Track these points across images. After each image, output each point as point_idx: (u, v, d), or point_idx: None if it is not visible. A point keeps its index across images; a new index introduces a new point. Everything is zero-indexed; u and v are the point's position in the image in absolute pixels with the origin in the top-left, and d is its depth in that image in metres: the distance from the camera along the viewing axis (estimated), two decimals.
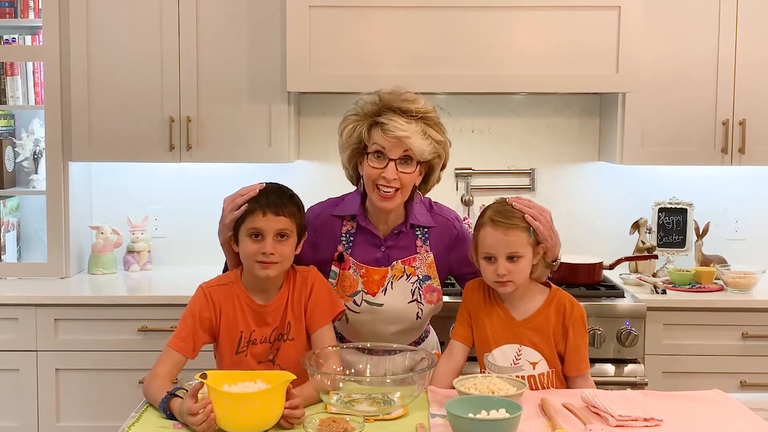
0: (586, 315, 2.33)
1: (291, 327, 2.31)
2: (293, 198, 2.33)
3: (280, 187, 2.34)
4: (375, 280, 2.45)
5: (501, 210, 2.29)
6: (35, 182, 3.70)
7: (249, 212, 2.27)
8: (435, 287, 2.49)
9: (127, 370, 3.26)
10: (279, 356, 2.31)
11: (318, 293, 2.34)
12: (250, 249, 2.26)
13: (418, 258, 2.48)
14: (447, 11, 3.25)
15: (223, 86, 3.48)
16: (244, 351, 2.30)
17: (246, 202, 2.28)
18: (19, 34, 3.72)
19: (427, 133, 2.34)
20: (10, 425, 3.29)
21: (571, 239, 3.80)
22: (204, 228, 3.80)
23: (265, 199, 2.27)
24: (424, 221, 2.49)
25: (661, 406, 2.08)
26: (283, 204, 2.27)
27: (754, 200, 3.87)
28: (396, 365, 2.29)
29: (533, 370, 2.28)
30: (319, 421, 1.93)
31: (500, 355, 2.30)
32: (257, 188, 2.31)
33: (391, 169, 2.33)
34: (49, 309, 3.27)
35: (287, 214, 2.27)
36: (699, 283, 3.48)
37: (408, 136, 2.31)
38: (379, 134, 2.33)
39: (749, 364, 3.28)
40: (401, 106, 2.34)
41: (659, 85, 3.48)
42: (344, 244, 2.48)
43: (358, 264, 2.46)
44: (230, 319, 2.30)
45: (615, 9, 3.26)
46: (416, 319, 2.49)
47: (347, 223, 2.49)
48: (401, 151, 2.33)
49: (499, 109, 3.83)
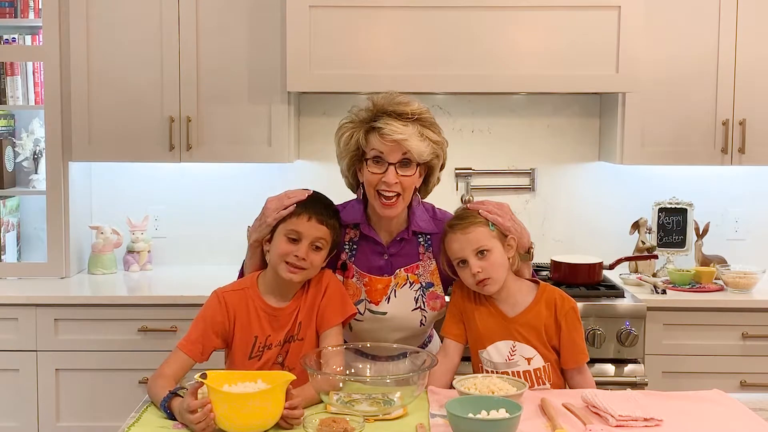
0: (577, 307, 2.34)
1: (301, 327, 2.31)
2: (337, 214, 2.36)
3: (327, 200, 2.37)
4: (378, 289, 2.44)
5: (457, 215, 2.37)
6: (35, 182, 3.70)
7: (294, 214, 2.28)
8: (438, 294, 2.48)
9: (127, 370, 3.26)
10: (288, 358, 2.30)
11: (331, 294, 2.34)
12: (283, 249, 2.26)
13: (421, 265, 2.47)
14: (447, 11, 3.25)
15: (223, 86, 3.48)
16: (258, 356, 2.29)
17: (293, 204, 2.29)
18: (19, 34, 3.72)
19: (423, 134, 2.34)
20: (10, 425, 3.29)
21: (571, 239, 3.82)
22: (204, 228, 3.82)
23: (313, 206, 2.30)
24: (427, 228, 2.48)
25: (662, 406, 2.08)
26: (328, 215, 2.30)
27: (754, 200, 3.87)
28: (399, 370, 2.30)
29: (528, 365, 2.29)
30: (319, 421, 1.93)
31: (495, 351, 2.31)
32: (306, 194, 2.33)
33: (392, 173, 2.32)
34: (49, 309, 3.27)
35: (329, 226, 2.29)
36: (699, 283, 3.48)
37: (405, 138, 2.30)
38: (377, 139, 2.32)
39: (749, 364, 3.28)
40: (396, 109, 2.33)
41: (659, 85, 3.48)
42: (347, 252, 2.47)
43: (362, 273, 2.45)
44: (244, 324, 2.29)
45: (615, 9, 3.26)
46: (420, 326, 2.48)
47: (350, 231, 2.48)
48: (400, 154, 2.33)
49: (499, 109, 3.83)
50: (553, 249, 3.69)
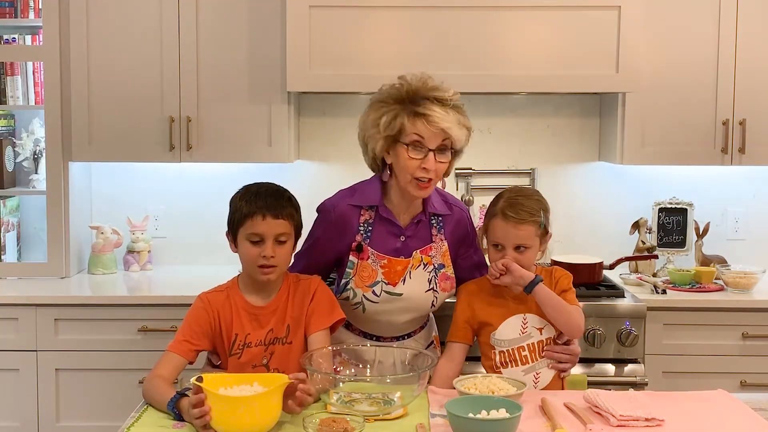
0: (571, 276, 2.45)
1: (290, 330, 2.31)
2: (291, 200, 2.33)
3: (277, 190, 2.34)
4: (397, 270, 2.46)
5: (513, 203, 2.34)
6: (35, 182, 3.70)
7: (248, 216, 2.26)
8: (449, 275, 2.52)
9: (127, 370, 3.25)
10: (273, 360, 2.31)
11: (319, 298, 2.35)
12: (250, 253, 2.27)
13: (434, 247, 2.50)
14: (447, 11, 3.25)
15: (223, 86, 3.48)
16: (238, 353, 2.30)
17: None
18: (19, 34, 3.72)
19: (461, 122, 2.37)
20: (10, 425, 3.29)
21: (571, 239, 3.81)
22: (204, 228, 3.82)
23: (264, 201, 2.27)
24: (441, 209, 2.51)
25: (663, 407, 2.08)
26: (282, 206, 2.27)
27: (754, 200, 3.87)
28: (403, 353, 2.34)
29: (540, 335, 2.36)
30: (319, 421, 1.93)
31: (507, 328, 2.35)
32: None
33: (431, 159, 2.33)
34: (49, 309, 3.27)
35: (286, 217, 2.27)
36: (699, 283, 3.48)
37: (450, 126, 2.32)
38: (423, 124, 2.31)
39: (749, 364, 3.28)
40: (436, 95, 2.34)
41: (659, 85, 3.47)
42: (362, 234, 2.47)
43: (379, 254, 2.46)
44: (228, 322, 2.31)
45: (615, 9, 3.26)
46: (431, 307, 2.52)
47: (365, 213, 2.47)
48: (440, 140, 2.33)
49: (499, 109, 3.83)
50: (553, 249, 3.65)
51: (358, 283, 2.45)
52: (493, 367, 2.36)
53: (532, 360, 2.35)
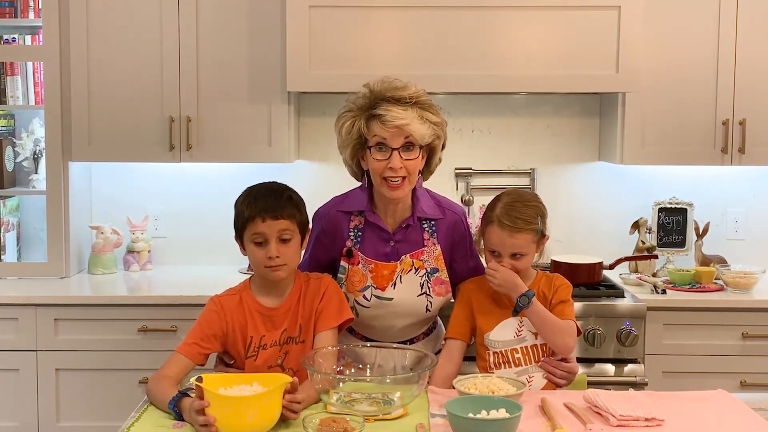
0: (571, 286, 2.43)
1: (302, 329, 2.32)
2: (291, 198, 2.31)
3: (277, 189, 2.33)
4: (384, 275, 2.46)
5: (509, 211, 2.33)
6: (35, 182, 3.70)
7: (249, 219, 2.26)
8: (443, 279, 2.51)
9: (127, 370, 3.25)
10: (288, 360, 2.31)
11: (329, 297, 2.35)
12: (257, 255, 2.27)
13: (425, 251, 2.49)
14: (447, 11, 3.25)
15: (223, 86, 3.48)
16: (254, 355, 2.30)
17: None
18: (19, 34, 3.72)
19: (423, 116, 2.36)
20: (10, 425, 3.29)
21: (571, 239, 3.81)
22: (204, 228, 3.82)
23: (263, 202, 2.27)
24: (432, 213, 2.50)
25: (663, 406, 2.08)
26: (280, 206, 2.27)
27: (754, 200, 3.87)
28: (405, 356, 2.33)
29: (535, 339, 2.35)
30: (319, 421, 1.93)
31: (502, 329, 2.36)
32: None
33: (396, 158, 2.34)
34: (49, 309, 3.27)
35: (286, 216, 2.27)
36: (699, 283, 3.48)
37: (407, 123, 2.32)
38: (378, 126, 2.34)
39: (749, 364, 3.28)
40: (394, 94, 2.36)
41: (659, 85, 3.47)
42: (353, 240, 2.48)
43: (367, 259, 2.47)
44: (242, 326, 2.31)
45: (615, 9, 3.26)
46: (425, 312, 2.51)
47: (355, 219, 2.49)
48: (402, 139, 2.34)
49: (499, 109, 3.83)
50: (553, 249, 3.68)
51: (350, 288, 2.46)
52: (487, 368, 2.36)
53: (525, 363, 2.35)
